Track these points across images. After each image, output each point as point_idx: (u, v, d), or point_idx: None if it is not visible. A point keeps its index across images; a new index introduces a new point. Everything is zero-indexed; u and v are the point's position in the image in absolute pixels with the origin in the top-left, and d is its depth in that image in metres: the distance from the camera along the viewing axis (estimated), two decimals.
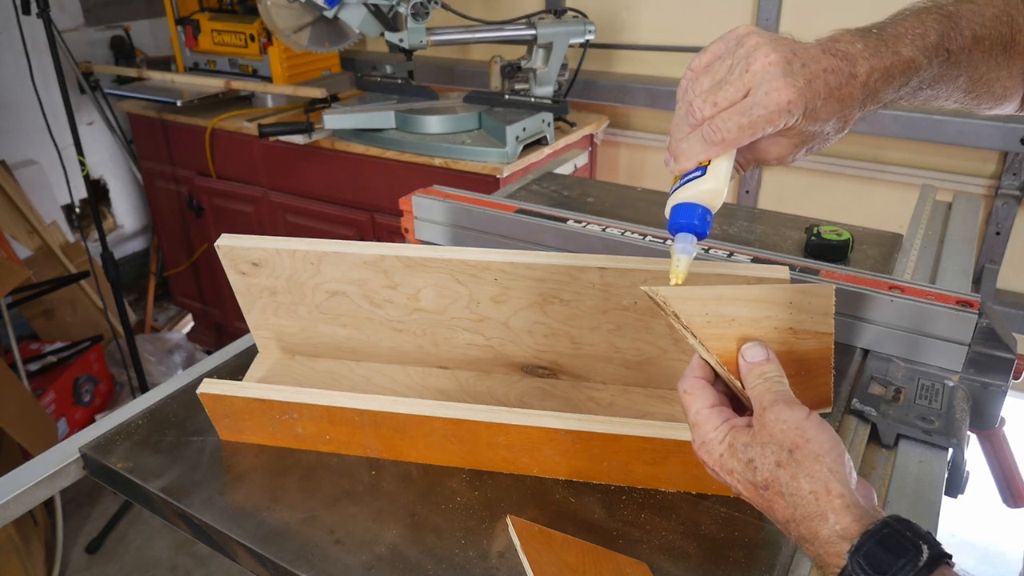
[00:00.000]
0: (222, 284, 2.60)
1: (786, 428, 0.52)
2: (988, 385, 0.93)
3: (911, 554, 0.46)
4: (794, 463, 0.51)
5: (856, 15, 1.99)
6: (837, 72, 0.58)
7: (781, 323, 0.59)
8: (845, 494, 0.50)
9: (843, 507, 0.49)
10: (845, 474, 0.51)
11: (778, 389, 0.55)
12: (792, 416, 0.53)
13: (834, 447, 0.51)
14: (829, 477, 0.50)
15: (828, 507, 0.49)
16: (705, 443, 0.57)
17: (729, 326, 0.58)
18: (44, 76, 2.22)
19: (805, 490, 0.50)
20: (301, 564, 0.70)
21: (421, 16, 1.89)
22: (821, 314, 0.60)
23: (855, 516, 0.49)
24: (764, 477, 0.52)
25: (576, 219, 1.22)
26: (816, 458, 0.51)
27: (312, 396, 0.80)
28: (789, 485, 0.51)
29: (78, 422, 2.33)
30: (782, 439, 0.52)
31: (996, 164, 1.84)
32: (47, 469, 0.87)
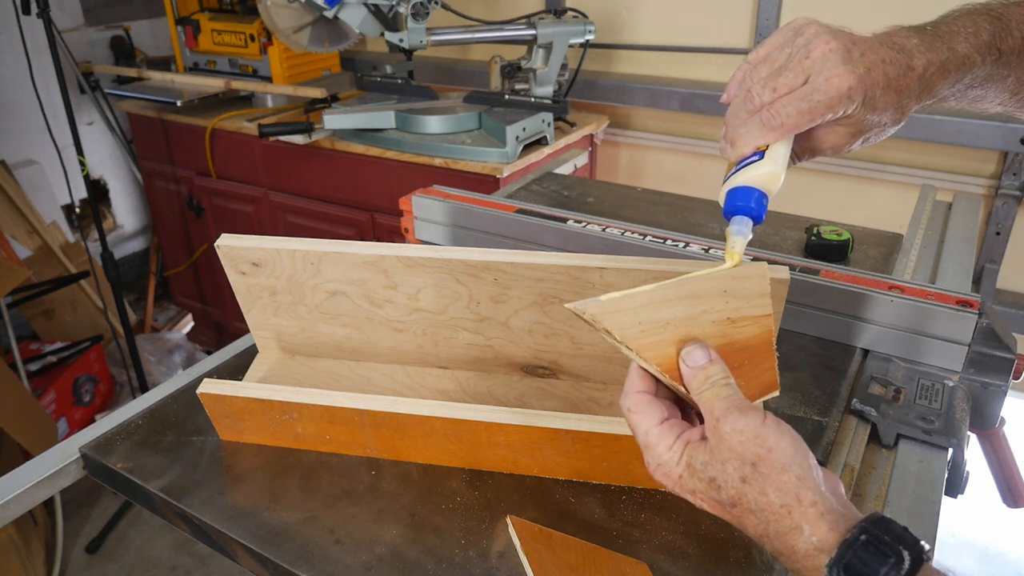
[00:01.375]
0: (222, 284, 2.60)
1: (744, 440, 0.49)
2: (988, 385, 0.93)
3: (892, 561, 0.44)
4: (760, 477, 0.48)
5: (855, 15, 1.99)
6: (895, 63, 0.59)
7: (718, 315, 0.56)
8: (818, 501, 0.47)
9: (817, 516, 0.47)
10: (814, 479, 0.48)
11: (727, 395, 0.52)
12: (748, 425, 0.50)
13: (797, 451, 0.49)
14: (799, 486, 0.48)
15: (802, 519, 0.47)
16: (661, 465, 0.53)
17: (665, 330, 0.55)
18: (44, 76, 2.22)
19: (776, 504, 0.48)
20: (301, 564, 0.70)
21: (421, 16, 1.89)
22: (757, 296, 0.57)
23: (831, 524, 0.47)
24: (730, 495, 0.50)
25: (576, 219, 1.22)
26: (783, 469, 0.48)
27: (312, 396, 0.80)
28: (758, 501, 0.48)
29: (78, 422, 2.33)
30: (742, 452, 0.49)
31: (996, 164, 1.84)
32: (47, 469, 0.87)
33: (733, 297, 0.56)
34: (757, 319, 0.57)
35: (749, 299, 0.57)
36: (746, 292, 0.57)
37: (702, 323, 0.55)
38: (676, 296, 0.55)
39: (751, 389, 0.56)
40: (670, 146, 2.28)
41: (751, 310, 0.57)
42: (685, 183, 2.30)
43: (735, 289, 0.56)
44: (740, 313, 0.56)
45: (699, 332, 0.55)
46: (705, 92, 2.05)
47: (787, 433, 0.50)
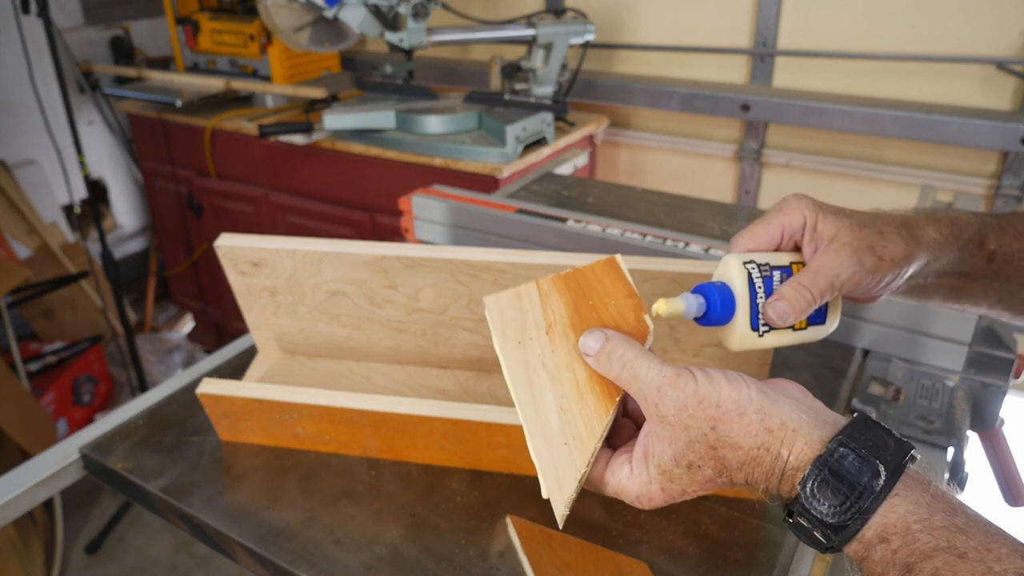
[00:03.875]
0: (222, 284, 2.59)
1: (691, 411, 0.47)
2: (988, 385, 0.93)
3: (866, 476, 0.42)
4: (725, 435, 0.46)
5: (855, 15, 1.99)
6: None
7: (545, 344, 0.53)
8: (786, 421, 0.45)
9: (790, 435, 0.45)
10: (770, 403, 0.46)
11: (645, 369, 0.48)
12: (686, 395, 0.47)
13: (740, 389, 0.47)
14: (762, 419, 0.46)
15: (779, 446, 0.45)
16: (640, 495, 0.50)
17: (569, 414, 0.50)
18: (44, 76, 2.22)
19: (753, 448, 0.46)
20: (301, 564, 0.70)
21: (421, 16, 1.89)
22: (517, 300, 0.54)
23: (806, 439, 0.45)
24: (711, 467, 0.47)
25: (576, 219, 1.22)
26: (739, 414, 0.46)
27: (312, 396, 0.80)
28: (736, 456, 0.46)
29: (78, 422, 2.33)
30: (697, 424, 0.47)
31: (996, 164, 1.84)
32: (47, 469, 0.87)
33: (522, 332, 0.53)
34: (544, 298, 0.54)
35: (524, 312, 0.54)
36: (515, 316, 0.54)
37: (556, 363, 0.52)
38: (530, 400, 0.52)
39: (615, 287, 0.53)
40: (670, 146, 2.28)
41: (533, 307, 0.54)
42: (685, 183, 2.30)
43: (513, 331, 0.53)
44: (539, 319, 0.53)
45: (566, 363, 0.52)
46: (705, 92, 2.05)
47: (721, 379, 0.47)
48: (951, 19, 1.77)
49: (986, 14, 1.73)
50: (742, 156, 2.14)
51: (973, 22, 1.75)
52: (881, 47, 1.86)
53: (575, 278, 0.54)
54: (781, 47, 2.00)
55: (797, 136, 2.06)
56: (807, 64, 1.98)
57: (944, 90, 1.84)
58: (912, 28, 1.82)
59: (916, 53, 1.83)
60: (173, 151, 2.53)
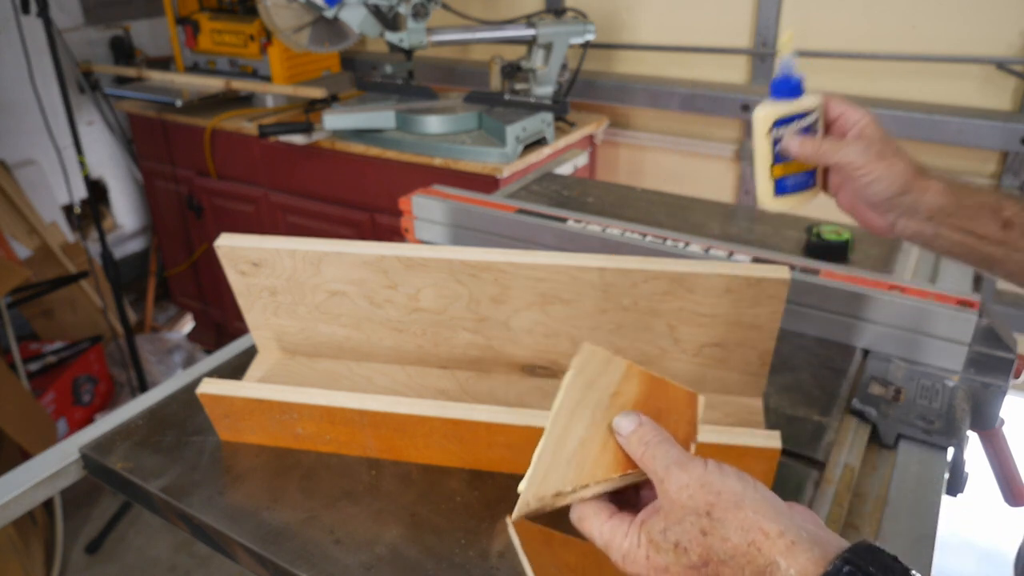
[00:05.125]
0: (222, 284, 2.60)
1: (692, 492, 0.48)
2: (988, 385, 0.93)
3: None
4: (718, 523, 0.47)
5: (855, 15, 1.99)
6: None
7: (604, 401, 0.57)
8: (785, 531, 0.45)
9: (789, 546, 0.45)
10: (772, 509, 0.47)
11: (664, 452, 0.51)
12: (691, 477, 0.49)
13: (746, 486, 0.48)
14: (758, 519, 0.46)
15: (773, 551, 0.45)
16: (626, 555, 0.51)
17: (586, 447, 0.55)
18: (44, 76, 2.22)
19: (742, 545, 0.46)
20: (301, 564, 0.70)
21: (421, 16, 1.89)
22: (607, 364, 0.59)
23: (807, 554, 0.44)
24: (698, 553, 0.47)
25: (576, 219, 1.22)
26: (736, 507, 0.47)
27: (312, 396, 0.80)
28: (724, 548, 0.46)
29: (78, 422, 2.33)
30: (694, 505, 0.48)
31: (996, 164, 1.84)
32: (47, 469, 0.87)
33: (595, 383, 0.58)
34: (627, 375, 0.59)
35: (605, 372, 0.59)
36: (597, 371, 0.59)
37: (601, 418, 0.56)
38: (565, 423, 0.56)
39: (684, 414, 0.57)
40: (670, 146, 2.28)
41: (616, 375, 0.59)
42: (685, 183, 2.30)
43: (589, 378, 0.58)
44: (614, 384, 0.58)
45: (606, 421, 0.56)
46: (705, 92, 2.05)
47: (730, 473, 0.49)
48: (951, 19, 1.77)
49: (986, 14, 1.73)
50: (742, 156, 2.14)
51: (973, 22, 1.75)
52: (881, 47, 1.86)
53: (658, 383, 0.59)
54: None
55: None
56: (807, 64, 1.98)
57: (944, 90, 1.84)
58: (912, 28, 1.82)
59: (916, 53, 1.83)
60: (173, 151, 2.53)
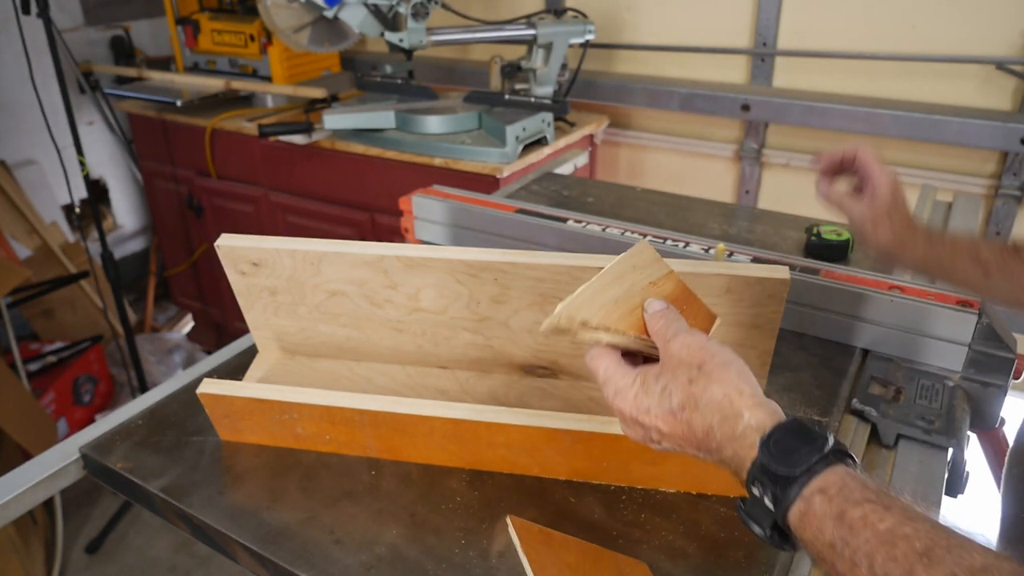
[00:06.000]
0: (222, 284, 2.59)
1: (691, 349, 0.57)
2: (988, 385, 0.93)
3: (818, 442, 0.50)
4: (704, 376, 0.55)
5: (855, 15, 1.99)
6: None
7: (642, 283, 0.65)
8: (756, 394, 0.54)
9: (755, 404, 0.53)
10: (753, 381, 0.55)
11: (678, 326, 0.59)
12: (695, 339, 0.57)
13: (736, 359, 0.56)
14: (738, 380, 0.55)
15: (742, 405, 0.53)
16: (619, 392, 0.59)
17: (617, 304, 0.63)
18: (44, 76, 2.21)
19: (719, 395, 0.54)
20: (301, 564, 0.70)
21: (421, 16, 1.89)
22: (655, 260, 0.67)
23: (768, 413, 0.53)
24: (679, 399, 0.56)
25: (576, 219, 1.22)
26: (724, 366, 0.55)
27: (312, 396, 0.80)
28: (702, 397, 0.54)
29: (78, 422, 2.33)
30: (689, 359, 0.56)
31: (996, 164, 1.84)
32: (47, 469, 0.87)
33: (642, 268, 0.66)
34: (667, 276, 0.67)
35: (651, 265, 0.67)
36: (647, 262, 0.67)
37: (637, 291, 0.65)
38: (609, 281, 0.64)
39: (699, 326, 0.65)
40: (670, 146, 2.28)
41: (659, 271, 0.67)
42: (685, 183, 2.30)
43: (638, 262, 0.66)
44: (655, 276, 0.66)
45: (639, 296, 0.64)
46: (705, 92, 2.05)
47: (728, 350, 0.57)
48: (951, 19, 1.77)
49: (986, 14, 1.73)
50: (742, 156, 2.14)
51: (973, 22, 1.75)
52: (881, 47, 1.86)
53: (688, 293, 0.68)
54: (781, 47, 2.00)
55: (797, 136, 2.06)
56: (807, 64, 1.98)
57: (944, 90, 1.84)
58: (912, 28, 1.82)
59: (916, 53, 1.83)
60: (173, 151, 2.53)
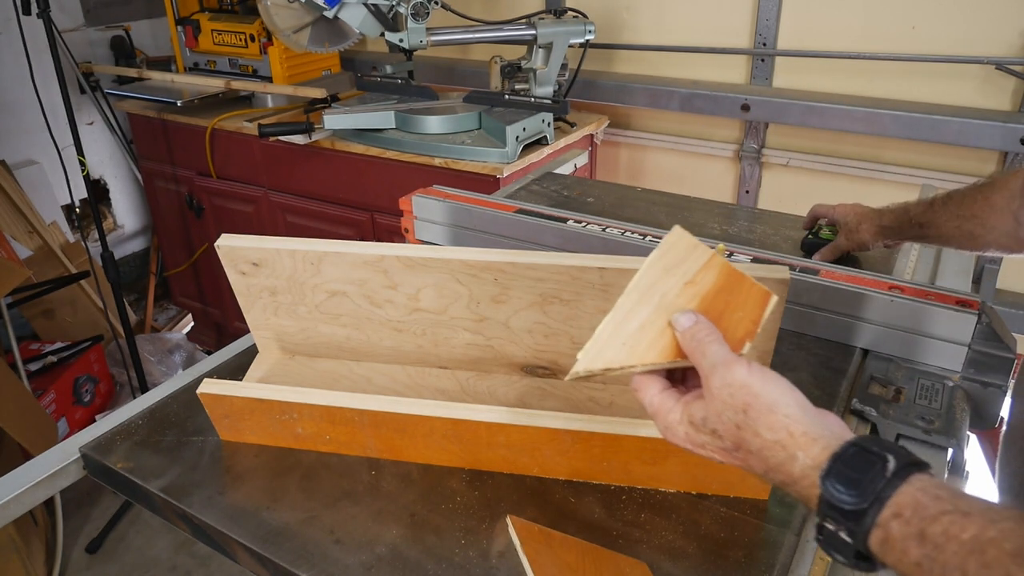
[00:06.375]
0: (222, 284, 2.59)
1: (733, 391, 0.54)
2: (988, 385, 0.93)
3: (878, 466, 0.48)
4: (751, 421, 0.53)
5: (855, 15, 1.98)
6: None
7: (675, 287, 0.60)
8: (808, 431, 0.52)
9: (810, 441, 0.51)
10: (801, 415, 0.53)
11: (713, 352, 0.57)
12: (734, 378, 0.55)
13: (783, 393, 0.54)
14: (787, 423, 0.52)
15: (795, 448, 0.52)
16: (668, 428, 0.59)
17: (644, 332, 0.60)
18: (44, 76, 2.22)
19: (770, 441, 0.53)
20: (301, 564, 0.70)
21: (421, 16, 1.89)
22: (691, 252, 0.61)
23: (823, 446, 0.51)
24: (731, 441, 0.55)
25: (576, 219, 1.22)
26: (769, 410, 0.53)
27: (312, 396, 0.80)
28: (754, 442, 0.53)
29: (78, 422, 2.33)
30: (732, 403, 0.54)
31: (996, 164, 1.84)
32: (47, 469, 0.87)
33: (675, 267, 0.61)
34: (706, 266, 0.61)
35: (687, 259, 0.61)
36: (680, 256, 0.61)
37: (669, 303, 0.60)
38: (634, 303, 0.60)
39: (751, 312, 0.61)
40: (670, 146, 2.28)
41: (696, 263, 0.61)
42: (685, 183, 2.30)
43: (671, 261, 0.61)
44: (691, 272, 0.61)
45: (673, 310, 0.60)
46: (705, 92, 2.05)
47: (771, 379, 0.55)
48: (951, 19, 1.77)
49: (986, 14, 1.73)
50: (742, 156, 2.14)
51: (973, 22, 1.75)
52: (881, 47, 1.86)
53: (734, 276, 0.62)
54: (781, 47, 2.00)
55: (797, 136, 2.06)
56: (807, 64, 1.98)
57: (944, 90, 1.84)
58: (912, 28, 1.82)
59: (916, 53, 1.83)
60: (173, 151, 2.53)
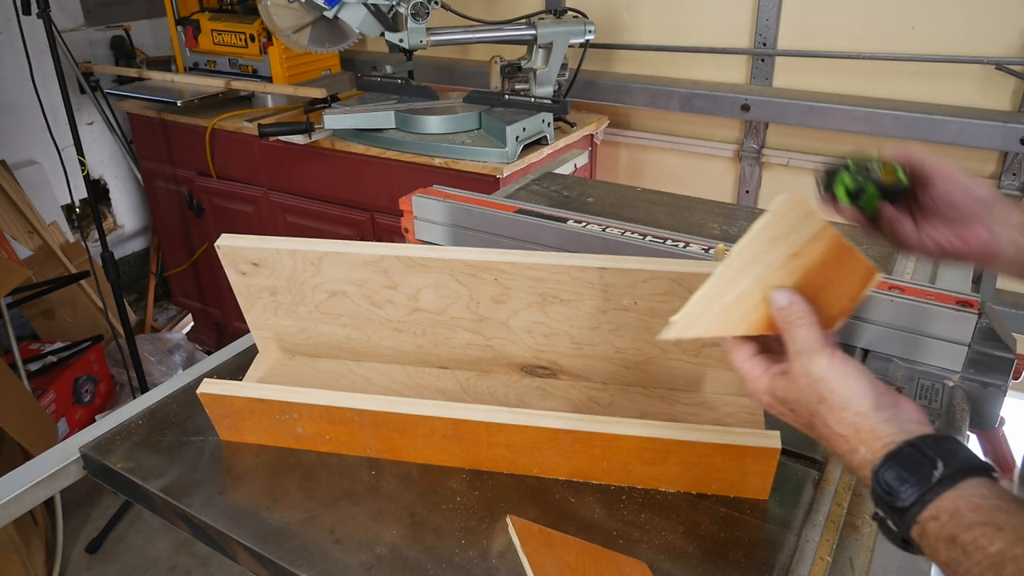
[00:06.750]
0: (222, 284, 2.59)
1: (811, 382, 0.57)
2: (988, 385, 0.93)
3: (926, 471, 0.50)
4: (825, 410, 0.57)
5: (855, 15, 1.98)
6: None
7: (779, 259, 0.60)
8: (875, 429, 0.54)
9: (873, 439, 0.54)
10: (872, 412, 0.55)
11: (801, 336, 0.59)
12: (813, 368, 0.57)
13: (858, 390, 0.56)
14: (856, 420, 0.55)
15: (859, 443, 0.54)
16: (753, 392, 0.62)
17: (740, 303, 0.60)
18: (44, 76, 2.22)
19: (838, 434, 0.56)
20: (301, 564, 0.71)
21: (421, 16, 1.89)
22: (803, 221, 0.59)
23: (885, 442, 0.53)
24: (805, 422, 0.59)
25: (576, 219, 1.22)
26: (842, 407, 0.56)
27: (312, 396, 0.80)
28: (824, 431, 0.57)
29: (78, 422, 2.33)
30: (810, 392, 0.57)
31: (996, 164, 1.84)
32: (47, 469, 0.87)
33: (783, 238, 0.59)
34: (816, 237, 0.59)
35: (798, 228, 0.59)
36: (792, 225, 0.59)
37: (770, 275, 0.60)
38: (732, 274, 0.59)
39: (851, 288, 0.60)
40: (670, 146, 2.28)
41: (805, 234, 0.59)
42: (685, 183, 2.30)
43: (779, 232, 0.59)
44: (798, 243, 0.59)
45: (772, 284, 0.60)
46: (705, 92, 2.05)
47: (850, 373, 0.57)
48: (951, 19, 1.77)
49: (986, 14, 1.73)
50: (742, 156, 2.14)
51: (973, 22, 1.75)
52: (881, 47, 1.86)
53: (843, 249, 0.60)
54: (781, 47, 2.00)
55: (797, 136, 2.06)
56: (807, 64, 1.98)
57: (944, 90, 1.84)
58: (912, 28, 1.82)
59: (916, 53, 1.83)
60: (173, 151, 2.53)
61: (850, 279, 0.61)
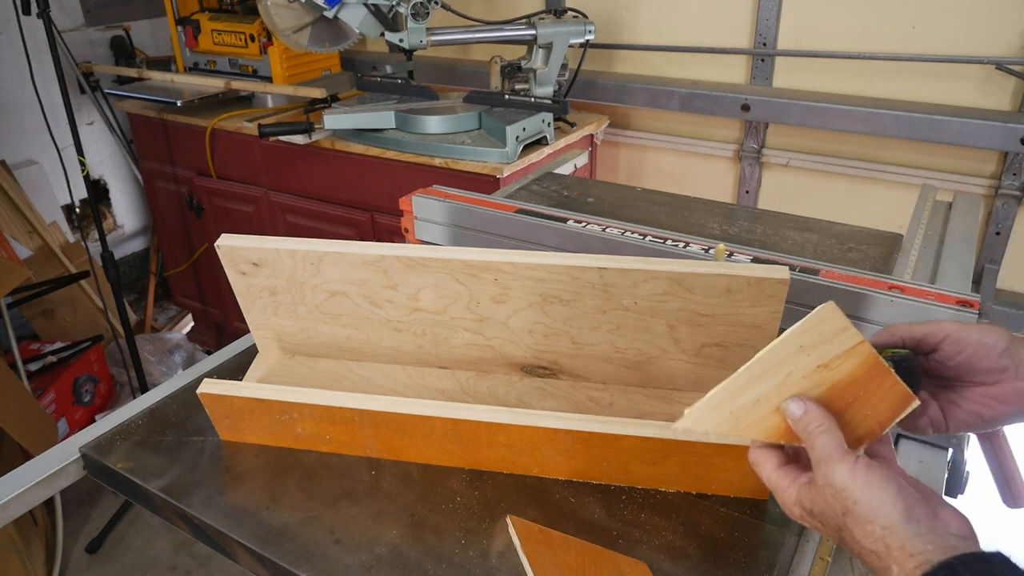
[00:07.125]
0: (222, 284, 2.59)
1: (834, 493, 0.54)
2: None
3: None
4: (852, 523, 0.53)
5: (855, 15, 1.98)
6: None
7: (806, 369, 0.57)
8: (906, 545, 0.50)
9: (905, 557, 0.50)
10: (902, 525, 0.51)
11: (820, 445, 0.56)
12: (836, 479, 0.54)
13: (883, 501, 0.52)
14: (883, 535, 0.51)
15: (890, 560, 0.50)
16: (784, 504, 0.60)
17: (757, 407, 0.58)
18: (44, 76, 2.22)
19: (868, 549, 0.52)
20: (301, 564, 0.71)
21: (421, 16, 1.89)
22: (839, 334, 0.57)
23: (919, 562, 0.49)
24: (836, 536, 0.56)
25: (576, 219, 1.22)
26: (867, 520, 0.52)
27: (312, 396, 0.80)
28: (853, 546, 0.54)
29: (78, 422, 2.33)
30: (834, 504, 0.54)
31: (996, 164, 1.84)
32: (47, 469, 0.87)
33: (812, 348, 0.57)
34: (850, 351, 0.57)
35: (831, 340, 0.57)
36: (825, 336, 0.57)
37: (792, 383, 0.58)
38: (755, 375, 0.57)
39: (881, 412, 0.57)
40: (670, 146, 2.28)
41: (839, 347, 0.57)
42: (685, 183, 2.30)
43: (811, 340, 0.57)
44: (829, 356, 0.57)
45: (793, 391, 0.58)
46: (705, 92, 2.05)
47: (875, 482, 0.53)
48: (951, 19, 1.77)
49: (986, 14, 1.73)
50: (742, 156, 2.14)
51: (973, 22, 1.75)
52: (881, 47, 1.86)
53: (877, 369, 0.57)
54: (781, 47, 2.00)
55: (797, 136, 2.06)
56: (807, 64, 1.98)
57: (944, 90, 1.84)
58: (912, 28, 1.82)
59: (916, 53, 1.83)
60: (173, 151, 2.53)
61: (881, 403, 0.57)
